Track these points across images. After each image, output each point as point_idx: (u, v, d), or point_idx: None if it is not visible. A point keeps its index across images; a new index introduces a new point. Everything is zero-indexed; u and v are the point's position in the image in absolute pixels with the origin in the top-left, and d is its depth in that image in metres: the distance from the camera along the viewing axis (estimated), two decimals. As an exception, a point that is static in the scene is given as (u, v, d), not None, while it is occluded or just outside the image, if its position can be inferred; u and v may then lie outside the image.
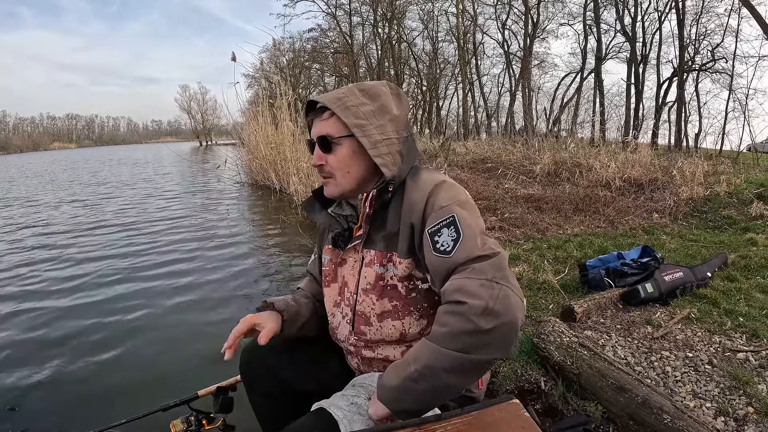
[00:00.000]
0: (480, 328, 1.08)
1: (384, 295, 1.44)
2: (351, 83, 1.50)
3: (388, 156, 1.40)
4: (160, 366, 3.38)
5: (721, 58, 22.27)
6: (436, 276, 1.27)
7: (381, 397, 1.21)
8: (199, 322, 4.11)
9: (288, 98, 11.46)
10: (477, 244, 1.22)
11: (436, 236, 1.26)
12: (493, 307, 1.09)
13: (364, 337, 1.50)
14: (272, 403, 1.70)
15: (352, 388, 1.40)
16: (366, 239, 1.46)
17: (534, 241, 5.64)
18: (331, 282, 1.63)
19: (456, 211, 1.28)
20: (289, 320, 1.63)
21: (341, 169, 1.44)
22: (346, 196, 1.53)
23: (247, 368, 1.73)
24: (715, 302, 3.58)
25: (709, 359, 2.79)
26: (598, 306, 3.48)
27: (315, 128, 1.47)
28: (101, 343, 3.73)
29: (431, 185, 1.35)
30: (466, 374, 1.14)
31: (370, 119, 1.40)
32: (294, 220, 8.24)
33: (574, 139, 13.95)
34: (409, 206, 1.36)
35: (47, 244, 7.46)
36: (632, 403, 2.19)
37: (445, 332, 1.13)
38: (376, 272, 1.44)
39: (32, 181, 21.16)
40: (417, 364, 1.15)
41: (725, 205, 7.08)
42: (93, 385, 3.13)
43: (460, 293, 1.13)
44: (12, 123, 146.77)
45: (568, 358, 2.59)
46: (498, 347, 1.11)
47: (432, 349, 1.14)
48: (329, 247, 1.63)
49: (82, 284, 5.18)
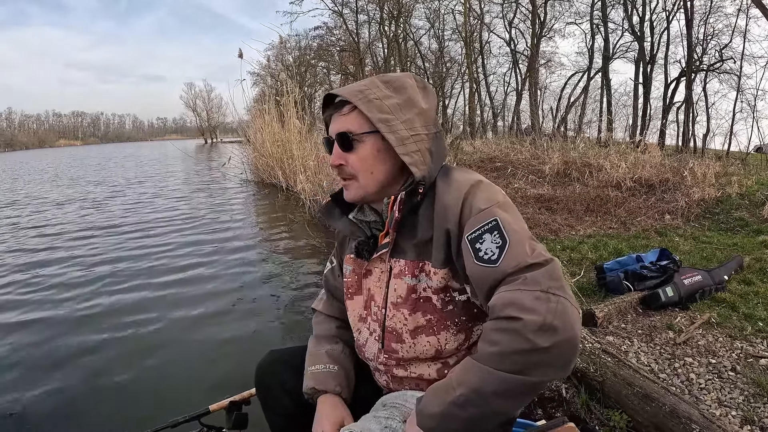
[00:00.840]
0: (537, 347, 0.95)
1: (417, 308, 1.31)
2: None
3: (417, 154, 1.26)
4: (169, 378, 3.30)
5: (729, 59, 22.08)
6: (480, 288, 1.14)
7: (421, 424, 1.09)
8: (209, 331, 4.01)
9: (295, 96, 11.41)
10: (526, 250, 1.09)
11: (478, 243, 1.13)
12: (551, 322, 0.96)
13: (396, 356, 1.38)
14: (289, 423, 1.58)
15: (384, 409, 1.29)
16: (394, 247, 1.33)
17: (547, 242, 5.57)
18: (354, 294, 1.50)
19: (498, 214, 1.15)
20: (349, 391, 1.51)
21: (364, 169, 1.30)
22: (368, 200, 1.39)
23: (262, 385, 1.62)
24: (734, 306, 3.53)
25: (732, 366, 2.74)
26: (618, 310, 3.42)
27: (334, 124, 1.34)
28: (108, 353, 3.65)
29: (466, 186, 1.22)
30: (518, 398, 1.03)
31: (396, 113, 1.27)
32: (301, 219, 8.21)
33: (583, 138, 13.87)
34: (443, 210, 1.22)
35: (54, 246, 7.44)
36: (659, 412, 2.15)
37: (496, 352, 0.99)
38: (407, 284, 1.31)
39: (38, 177, 21.19)
40: (463, 387, 1.02)
41: (737, 206, 7.01)
42: (98, 398, 3.06)
43: (512, 308, 1.00)
44: (18, 120, 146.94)
45: (591, 365, 2.54)
46: (557, 367, 0.99)
47: (481, 370, 1.01)
48: (351, 257, 1.49)
49: (87, 292, 5.10)
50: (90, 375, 3.36)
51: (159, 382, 3.24)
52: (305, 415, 1.51)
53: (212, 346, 3.74)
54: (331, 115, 1.36)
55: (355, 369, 1.57)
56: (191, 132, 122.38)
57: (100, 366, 3.47)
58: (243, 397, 1.95)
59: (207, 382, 3.16)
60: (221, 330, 4.02)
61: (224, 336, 3.90)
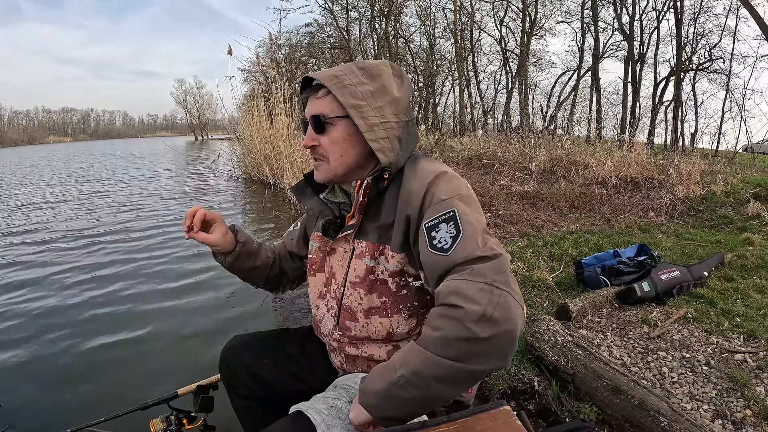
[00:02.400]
0: (476, 336, 0.97)
1: (373, 290, 1.34)
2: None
3: (385, 141, 1.30)
4: (139, 364, 3.33)
5: (718, 58, 22.27)
6: (431, 275, 1.16)
7: (363, 402, 1.10)
8: (182, 320, 4.03)
9: (284, 93, 11.38)
10: (478, 243, 1.11)
11: (434, 231, 1.16)
12: (491, 314, 0.98)
13: (349, 333, 1.41)
14: (253, 404, 1.64)
15: (334, 390, 1.31)
16: (358, 229, 1.37)
17: (529, 238, 5.59)
18: (317, 271, 1.54)
19: (457, 206, 1.17)
20: (242, 253, 1.62)
21: (334, 152, 1.34)
22: (337, 182, 1.43)
23: (226, 368, 1.67)
24: (712, 302, 3.54)
25: (707, 360, 2.75)
26: (593, 304, 3.42)
27: (309, 107, 1.36)
28: (81, 341, 3.67)
29: (431, 175, 1.25)
30: (457, 384, 1.03)
31: (368, 100, 1.29)
32: (287, 215, 8.20)
33: (570, 136, 13.92)
34: (406, 197, 1.25)
35: (37, 241, 7.39)
36: (628, 405, 2.14)
37: (437, 337, 1.01)
38: (366, 265, 1.34)
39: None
40: (404, 369, 1.04)
41: (722, 204, 7.05)
42: (73, 384, 3.08)
43: (456, 296, 1.02)
44: (7, 116, 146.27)
45: (562, 358, 2.53)
46: (494, 357, 1.00)
47: (422, 354, 1.03)
48: (318, 234, 1.53)
49: (61, 284, 5.08)
50: (61, 361, 3.39)
51: (130, 367, 3.28)
52: (269, 396, 1.60)
53: (184, 334, 3.77)
54: (307, 97, 1.38)
55: (258, 273, 1.72)
56: (182, 129, 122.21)
57: (72, 353, 3.50)
58: (210, 381, 2.01)
59: (176, 368, 3.22)
60: (195, 319, 4.06)
61: (197, 324, 3.94)
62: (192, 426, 1.97)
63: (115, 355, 3.45)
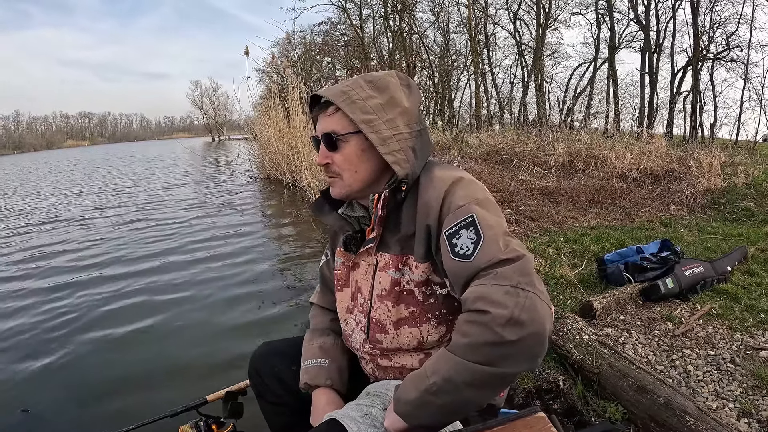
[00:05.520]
0: (504, 340, 0.99)
1: (400, 301, 1.35)
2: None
3: (400, 153, 1.30)
4: (168, 371, 3.37)
5: (735, 47, 21.87)
6: (456, 282, 1.17)
7: (398, 411, 1.13)
8: (208, 324, 4.08)
9: (300, 92, 11.42)
10: (500, 246, 1.12)
11: (455, 239, 1.17)
12: (518, 316, 0.99)
13: (380, 346, 1.42)
14: (281, 411, 1.65)
15: (367, 397, 1.33)
16: (380, 242, 1.38)
17: (550, 234, 5.58)
18: (343, 286, 1.55)
19: (475, 211, 1.18)
20: (342, 382, 1.56)
21: (349, 168, 1.35)
22: (354, 197, 1.44)
23: (255, 375, 1.69)
24: (736, 298, 3.51)
25: (732, 358, 2.73)
26: (617, 302, 3.41)
27: (320, 124, 1.38)
28: (110, 347, 3.73)
29: (447, 183, 1.26)
30: (488, 388, 1.05)
31: (379, 113, 1.30)
32: (307, 215, 8.24)
33: (588, 129, 13.82)
34: (424, 206, 1.26)
35: (62, 239, 7.51)
36: (654, 404, 2.15)
37: (466, 343, 1.04)
38: (391, 277, 1.35)
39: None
40: (436, 376, 1.06)
41: (743, 196, 6.96)
42: (102, 390, 3.12)
43: (482, 301, 1.04)
44: (25, 122, 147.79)
45: (587, 357, 2.54)
46: (524, 360, 1.02)
47: (452, 360, 1.05)
48: (341, 250, 1.54)
49: (96, 284, 5.21)
50: (90, 367, 3.45)
51: (158, 374, 3.31)
52: (297, 403, 1.59)
53: (212, 338, 3.81)
54: (317, 114, 1.39)
55: (349, 360, 1.61)
56: (198, 130, 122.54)
57: (100, 359, 3.56)
58: (239, 387, 2.03)
59: (205, 374, 3.23)
60: (221, 323, 4.10)
61: (225, 329, 3.98)
62: (221, 431, 1.99)
63: (144, 362, 3.50)
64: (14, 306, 4.59)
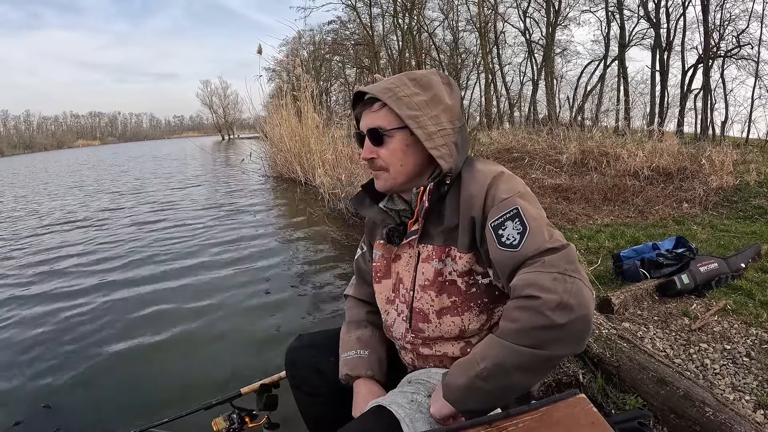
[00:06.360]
0: (554, 323, 1.05)
1: (443, 291, 1.40)
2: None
3: (444, 147, 1.36)
4: (202, 364, 3.40)
5: (746, 44, 21.70)
6: (502, 270, 1.23)
7: (447, 396, 1.18)
8: (238, 320, 4.13)
9: (311, 90, 11.45)
10: (545, 236, 1.18)
11: (501, 230, 1.22)
12: (567, 301, 1.05)
13: (422, 335, 1.46)
14: (318, 401, 1.69)
15: (410, 385, 1.38)
16: (422, 234, 1.43)
17: (564, 231, 5.58)
18: (382, 278, 1.60)
19: (519, 203, 1.23)
20: (382, 372, 1.60)
21: (394, 162, 1.40)
22: (398, 190, 1.50)
23: (293, 367, 1.72)
24: (750, 294, 3.55)
25: (747, 352, 2.78)
26: (634, 297, 3.46)
27: (365, 120, 1.43)
28: (138, 342, 3.77)
29: (490, 177, 1.31)
30: (537, 371, 1.11)
31: (424, 110, 1.35)
32: (320, 213, 8.28)
33: (599, 127, 13.80)
34: (468, 199, 1.32)
35: (84, 239, 7.65)
36: (674, 396, 2.19)
37: (516, 328, 1.09)
38: (435, 268, 1.40)
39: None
40: (486, 362, 1.11)
41: (755, 194, 6.96)
42: (133, 384, 3.16)
43: (532, 288, 1.09)
44: (36, 122, 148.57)
45: (607, 351, 2.59)
46: (571, 342, 1.08)
47: (502, 345, 1.10)
48: (381, 242, 1.59)
49: (119, 282, 5.27)
50: (120, 361, 3.49)
51: (192, 368, 3.34)
52: (335, 394, 1.63)
53: (242, 334, 3.84)
54: (361, 111, 1.45)
55: (387, 350, 1.66)
56: (208, 129, 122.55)
57: (131, 352, 3.60)
58: (273, 380, 2.07)
59: (238, 367, 3.24)
60: (250, 319, 4.14)
61: (253, 324, 4.02)
62: (255, 424, 2.03)
63: (176, 355, 3.55)
64: (36, 308, 4.63)
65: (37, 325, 4.17)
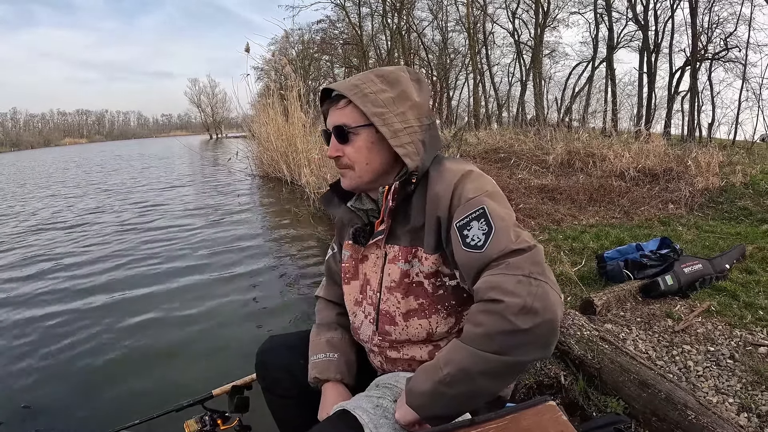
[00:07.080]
0: (518, 328, 1.00)
1: (410, 292, 1.36)
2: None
3: (410, 145, 1.32)
4: (173, 365, 3.37)
5: (734, 47, 21.91)
6: (467, 272, 1.18)
7: (410, 403, 1.14)
8: (213, 320, 4.08)
9: (299, 89, 11.42)
10: (511, 237, 1.13)
11: (466, 230, 1.18)
12: (531, 304, 1.00)
13: (389, 338, 1.42)
14: (289, 404, 1.65)
15: (377, 389, 1.33)
16: (389, 234, 1.39)
17: (549, 232, 5.60)
18: (351, 279, 1.56)
19: (485, 203, 1.19)
20: (351, 376, 1.56)
21: (360, 160, 1.36)
22: (364, 189, 1.45)
23: (263, 369, 1.69)
24: (735, 295, 3.54)
25: (731, 353, 2.75)
26: (617, 298, 3.44)
27: (331, 118, 1.39)
28: (114, 343, 3.72)
29: (457, 176, 1.27)
30: (502, 377, 1.06)
31: (390, 107, 1.31)
32: (306, 212, 8.26)
33: (587, 128, 13.84)
34: (434, 198, 1.27)
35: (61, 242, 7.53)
36: (655, 398, 2.16)
37: (479, 333, 1.04)
38: (400, 269, 1.35)
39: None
40: (449, 367, 1.07)
41: (741, 195, 6.99)
42: (106, 386, 3.13)
43: (495, 291, 1.04)
44: (23, 120, 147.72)
45: (588, 353, 2.56)
46: (537, 347, 1.03)
47: (466, 351, 1.06)
48: (349, 242, 1.54)
49: (93, 285, 5.17)
50: (93, 363, 3.45)
51: (163, 369, 3.31)
52: (306, 396, 1.59)
53: (216, 334, 3.81)
54: (328, 108, 1.41)
55: (357, 353, 1.62)
56: (196, 128, 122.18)
57: (103, 355, 3.55)
58: (245, 381, 2.03)
59: (210, 369, 3.23)
60: (225, 319, 4.10)
61: (228, 324, 3.99)
62: (227, 426, 1.99)
63: (148, 357, 3.50)
64: (15, 310, 4.55)
65: (17, 327, 4.11)
